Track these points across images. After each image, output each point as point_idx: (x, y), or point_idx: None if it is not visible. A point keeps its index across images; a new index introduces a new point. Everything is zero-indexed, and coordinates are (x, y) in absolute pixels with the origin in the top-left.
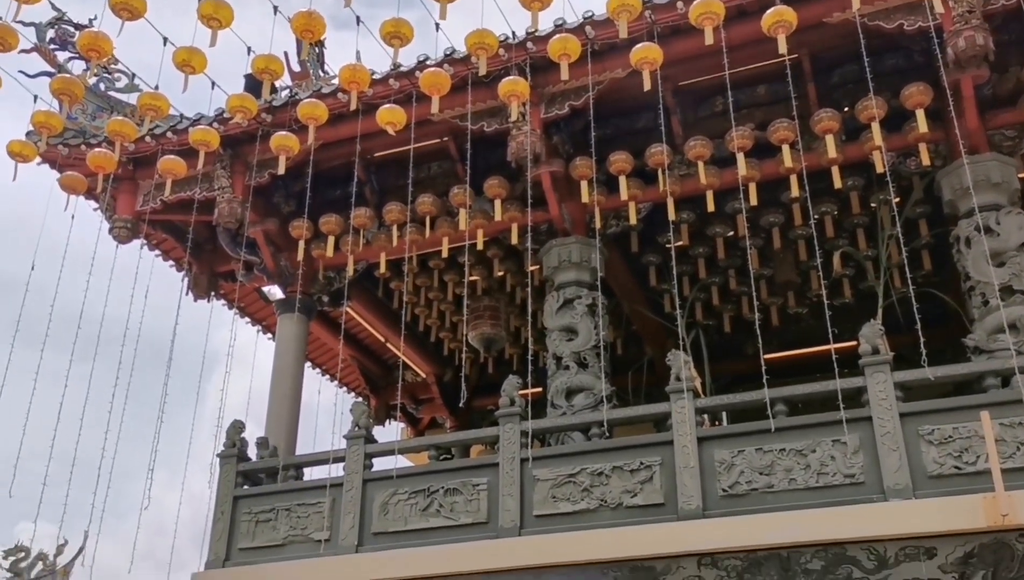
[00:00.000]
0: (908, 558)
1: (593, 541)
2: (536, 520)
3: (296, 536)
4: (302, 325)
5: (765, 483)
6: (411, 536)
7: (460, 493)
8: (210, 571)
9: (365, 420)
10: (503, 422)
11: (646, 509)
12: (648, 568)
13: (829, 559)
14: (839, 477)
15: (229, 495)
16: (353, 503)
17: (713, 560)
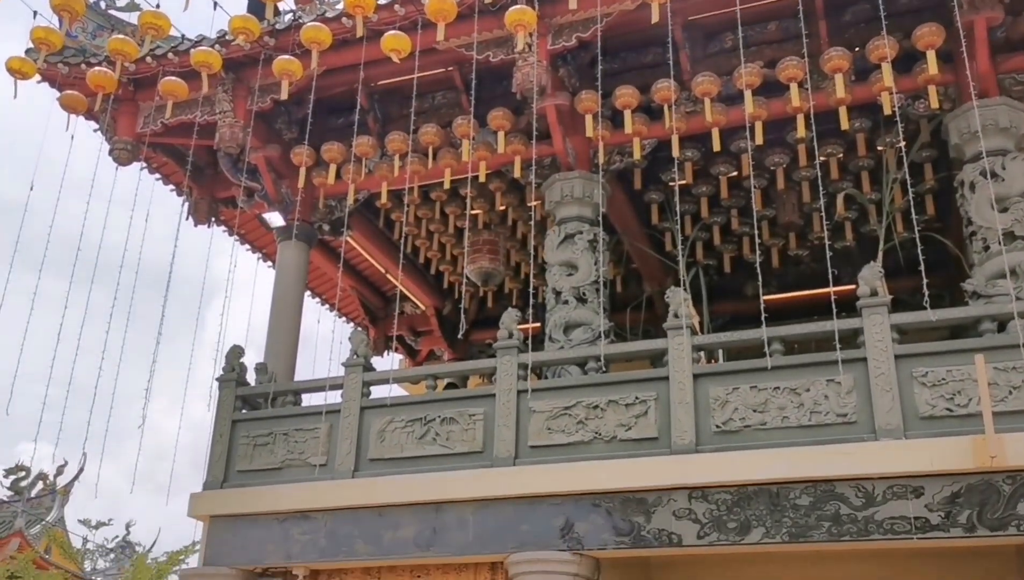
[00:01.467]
0: (895, 496)
1: (587, 472)
2: (531, 451)
3: (293, 460)
4: (302, 253)
5: (758, 420)
6: (407, 463)
7: (456, 422)
8: (208, 492)
9: (363, 348)
10: (501, 354)
11: (640, 443)
12: (640, 500)
13: (818, 495)
14: (831, 416)
15: (227, 419)
16: (350, 429)
17: (704, 494)
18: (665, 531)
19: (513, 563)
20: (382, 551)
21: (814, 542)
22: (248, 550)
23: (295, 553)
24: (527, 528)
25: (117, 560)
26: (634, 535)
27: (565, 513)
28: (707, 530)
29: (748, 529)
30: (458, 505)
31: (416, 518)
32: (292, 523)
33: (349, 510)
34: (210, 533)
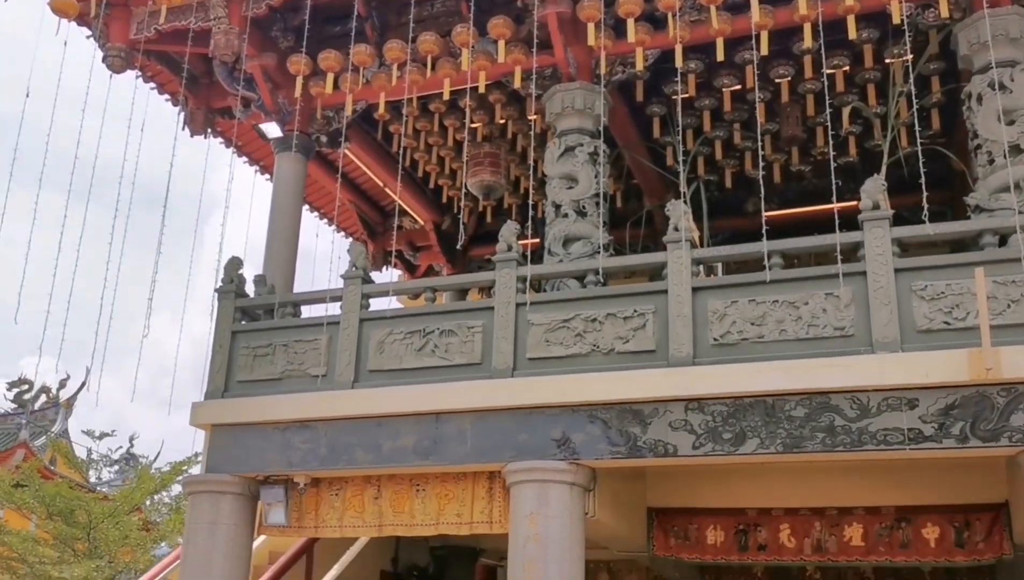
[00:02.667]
0: (890, 408)
1: (584, 384)
2: (529, 363)
3: (293, 371)
4: (300, 165)
5: (756, 333)
6: (406, 374)
7: (455, 334)
8: (209, 401)
9: (362, 260)
10: (500, 267)
11: (637, 355)
12: (636, 411)
13: (813, 407)
14: (829, 329)
15: (227, 330)
16: (349, 341)
17: (700, 405)
18: (661, 442)
19: (511, 472)
20: (382, 460)
21: (808, 453)
22: (250, 458)
23: (296, 461)
24: (525, 438)
25: (121, 471)
26: (630, 446)
27: (562, 424)
28: (702, 441)
29: (743, 440)
30: (457, 416)
31: (415, 428)
32: (293, 432)
33: (349, 420)
34: (212, 442)
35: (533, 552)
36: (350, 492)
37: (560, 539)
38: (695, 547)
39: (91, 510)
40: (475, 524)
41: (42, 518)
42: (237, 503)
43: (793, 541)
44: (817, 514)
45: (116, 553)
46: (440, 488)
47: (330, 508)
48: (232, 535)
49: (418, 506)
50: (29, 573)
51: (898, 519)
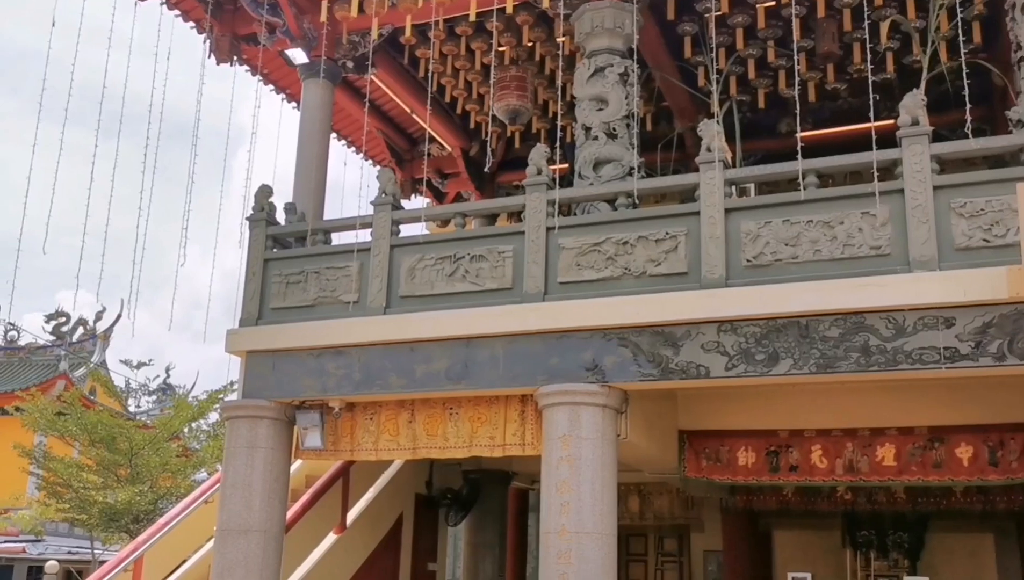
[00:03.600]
0: (926, 327)
1: (616, 307)
2: (560, 287)
3: (325, 298)
4: (327, 91)
5: (790, 254)
6: (437, 300)
7: (486, 259)
8: (244, 328)
9: (392, 186)
10: (530, 191)
11: (669, 278)
12: (668, 334)
13: (847, 327)
14: (865, 249)
15: (259, 258)
16: (381, 267)
17: (733, 327)
18: (693, 364)
19: (543, 395)
20: (415, 384)
21: (842, 373)
22: (285, 384)
23: (331, 386)
24: (556, 362)
25: (159, 401)
26: (662, 368)
27: (594, 347)
28: (735, 362)
29: (776, 361)
30: (488, 340)
31: (447, 353)
32: (327, 358)
33: (381, 345)
34: (248, 368)
35: (566, 473)
36: (384, 416)
37: (592, 460)
38: (726, 468)
39: (131, 437)
40: (507, 446)
41: (85, 445)
42: (274, 427)
43: (825, 462)
44: (849, 435)
45: (157, 479)
46: (473, 411)
47: (365, 432)
48: (270, 458)
49: (451, 429)
50: (75, 498)
51: (931, 439)
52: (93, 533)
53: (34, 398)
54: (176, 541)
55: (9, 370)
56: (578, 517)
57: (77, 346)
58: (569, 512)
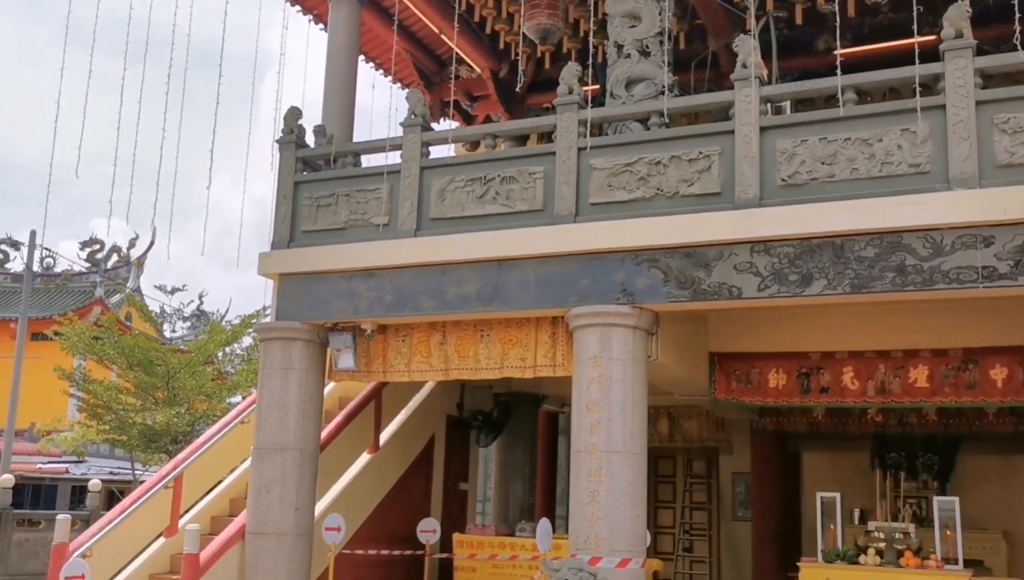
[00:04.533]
0: (964, 246)
1: (648, 228)
2: (591, 208)
3: (356, 220)
4: (354, 11)
5: (826, 173)
6: (468, 222)
7: (516, 181)
8: (276, 251)
9: (421, 108)
10: (561, 110)
11: (702, 198)
12: (700, 255)
13: (884, 247)
14: (903, 167)
15: (290, 180)
16: (411, 190)
17: (766, 247)
18: (725, 285)
19: (574, 317)
20: (446, 306)
21: (876, 293)
22: (317, 306)
23: (362, 309)
24: (587, 283)
25: (193, 327)
26: (694, 289)
27: (625, 268)
28: (767, 283)
29: (809, 281)
30: (519, 262)
31: (478, 275)
32: (358, 280)
33: (412, 268)
34: (280, 291)
35: (596, 394)
36: (416, 338)
37: (622, 381)
38: (757, 390)
39: (167, 361)
40: (538, 367)
41: (123, 368)
42: (307, 349)
43: (856, 383)
44: (882, 356)
45: (194, 402)
46: (504, 333)
47: (397, 353)
48: (304, 379)
49: (483, 351)
50: (114, 419)
51: (965, 360)
52: (133, 454)
53: (72, 323)
54: (214, 460)
55: (47, 297)
56: (608, 437)
57: (112, 273)
58: (599, 432)
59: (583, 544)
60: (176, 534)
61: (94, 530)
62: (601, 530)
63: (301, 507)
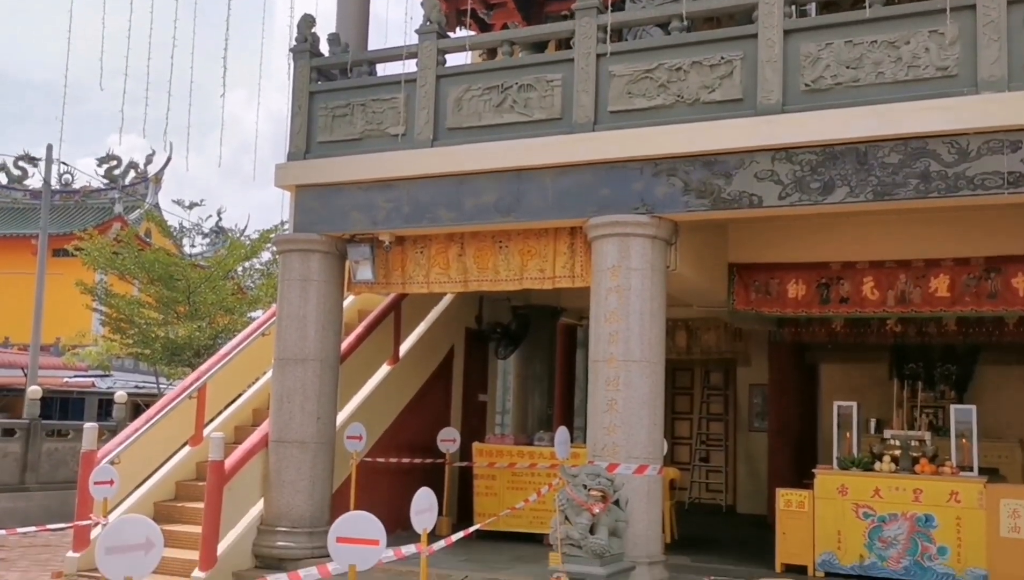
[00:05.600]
0: (990, 151)
1: (667, 136)
2: (610, 116)
3: (372, 131)
4: None
5: (851, 77)
6: (485, 131)
7: (534, 89)
8: (292, 162)
9: (437, 14)
10: (579, 15)
11: (724, 105)
12: (721, 163)
13: (908, 152)
14: (931, 70)
15: (305, 90)
16: (427, 99)
17: (788, 154)
18: (745, 193)
19: (592, 226)
20: (464, 217)
21: (899, 200)
22: (334, 217)
23: (380, 220)
24: (606, 193)
25: (212, 244)
26: (713, 197)
27: (645, 177)
28: (789, 191)
29: (831, 189)
30: (537, 171)
31: (496, 185)
32: (376, 192)
33: (430, 178)
34: (297, 202)
35: (614, 304)
36: (435, 249)
37: (641, 291)
38: (776, 301)
39: (188, 275)
40: (557, 278)
41: (144, 283)
42: (326, 261)
43: (876, 293)
44: (903, 266)
45: (215, 316)
46: (522, 244)
47: (416, 265)
48: (323, 291)
49: (501, 262)
50: (137, 333)
51: (987, 269)
52: (157, 368)
53: (92, 238)
54: (237, 371)
55: (66, 214)
56: (626, 346)
57: (130, 189)
58: (617, 341)
59: (600, 452)
60: (201, 443)
61: (121, 438)
62: (618, 438)
63: (323, 416)
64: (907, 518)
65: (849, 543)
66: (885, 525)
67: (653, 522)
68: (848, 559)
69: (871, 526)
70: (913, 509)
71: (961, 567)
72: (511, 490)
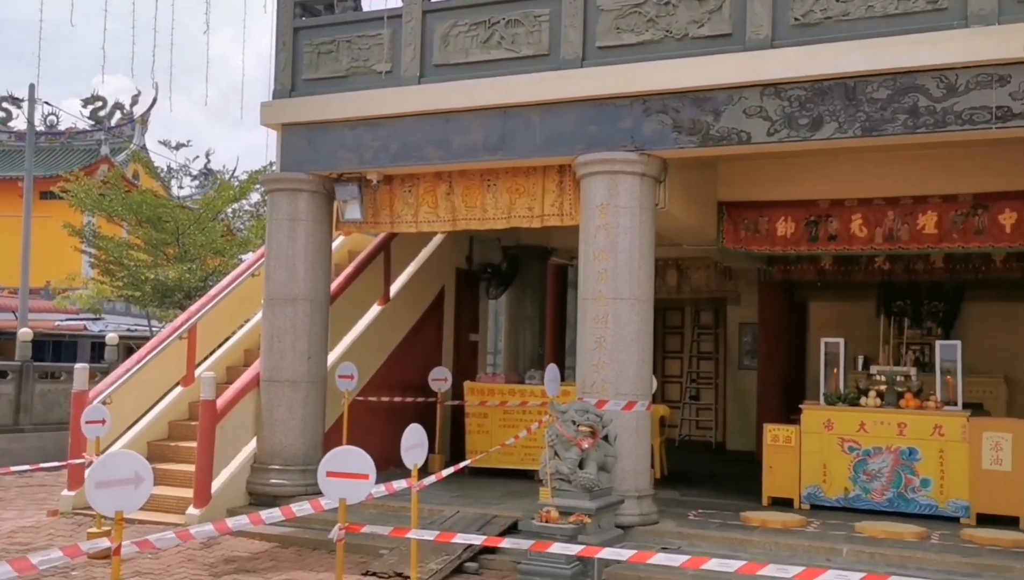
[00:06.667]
0: (979, 86)
1: (656, 72)
2: (599, 52)
3: (359, 68)
4: None
5: (841, 11)
6: (472, 68)
7: (522, 24)
8: (278, 100)
9: None
10: None
11: (713, 40)
12: (709, 99)
13: (897, 87)
14: (920, 4)
15: (289, 26)
16: (413, 35)
17: (776, 90)
18: (734, 129)
19: (581, 164)
20: (451, 156)
21: (888, 136)
22: (321, 156)
23: (368, 159)
24: (595, 130)
25: (201, 186)
26: (702, 134)
27: (633, 114)
28: (777, 127)
29: (820, 125)
30: (525, 109)
31: (484, 123)
32: (363, 130)
33: (417, 116)
34: (284, 141)
35: (603, 242)
36: (423, 188)
37: (630, 229)
38: (765, 239)
39: (176, 217)
40: (546, 217)
41: (132, 225)
42: (314, 200)
43: (864, 231)
44: (891, 203)
45: (205, 258)
46: (511, 183)
47: (404, 204)
48: (311, 230)
49: (490, 201)
50: (127, 275)
51: (975, 206)
52: (148, 310)
53: (79, 180)
54: (227, 312)
55: (51, 156)
56: (615, 284)
57: (116, 130)
58: (607, 279)
59: (589, 388)
60: (193, 383)
61: (112, 379)
62: (607, 375)
63: (313, 356)
64: (891, 451)
65: (834, 476)
66: (870, 458)
67: (642, 457)
68: (833, 492)
69: (856, 459)
70: (897, 443)
71: (944, 498)
72: (502, 428)
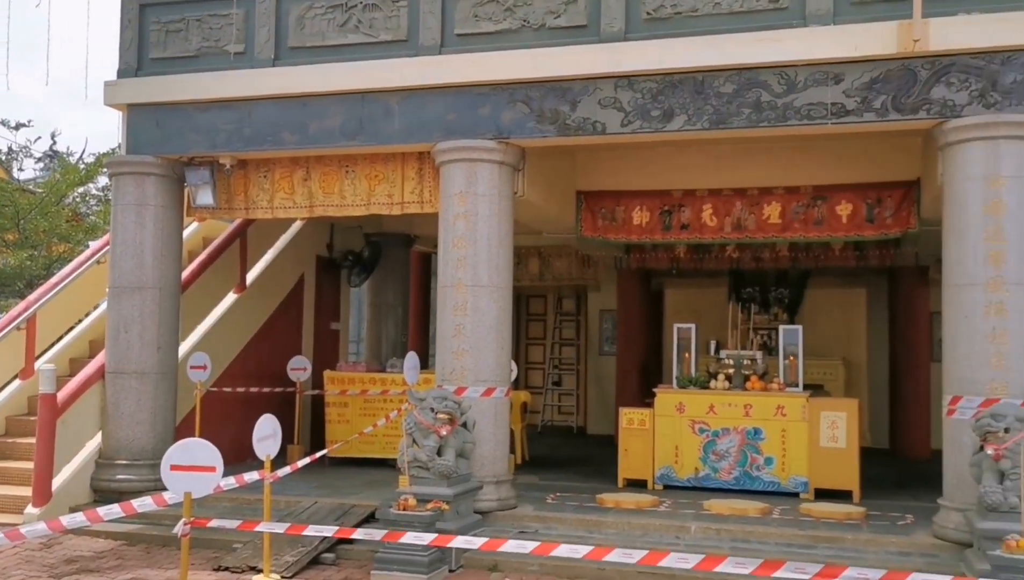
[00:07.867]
0: (816, 83)
1: (514, 61)
2: (457, 39)
3: (210, 48)
4: None
5: (690, 7)
6: (329, 52)
7: (380, 9)
8: (123, 80)
9: None
10: None
11: (569, 31)
12: (566, 89)
13: (741, 83)
14: (763, 2)
15: (135, 2)
16: (267, 16)
17: (630, 82)
18: (590, 120)
19: (440, 152)
20: (308, 141)
21: (733, 128)
22: (171, 139)
23: (220, 142)
24: (453, 118)
25: (46, 169)
26: (559, 124)
27: (491, 103)
28: (631, 118)
29: (671, 117)
30: (384, 94)
31: (341, 108)
32: (215, 113)
33: (272, 99)
34: (130, 123)
35: (462, 229)
36: (279, 174)
37: (489, 217)
38: (621, 227)
39: (16, 201)
40: (406, 204)
41: None
42: (162, 185)
43: (715, 220)
44: (739, 194)
45: (49, 244)
46: (369, 169)
47: (259, 189)
48: (160, 216)
49: (348, 187)
50: None
51: (815, 197)
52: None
53: None
54: (71, 301)
55: None
56: (474, 272)
57: None
58: (465, 267)
59: (449, 376)
60: (32, 376)
61: None
62: (466, 362)
63: (163, 346)
64: (738, 432)
65: (686, 457)
66: (718, 439)
67: (500, 443)
68: (685, 472)
69: (706, 440)
70: (744, 423)
71: (785, 475)
72: (363, 417)
